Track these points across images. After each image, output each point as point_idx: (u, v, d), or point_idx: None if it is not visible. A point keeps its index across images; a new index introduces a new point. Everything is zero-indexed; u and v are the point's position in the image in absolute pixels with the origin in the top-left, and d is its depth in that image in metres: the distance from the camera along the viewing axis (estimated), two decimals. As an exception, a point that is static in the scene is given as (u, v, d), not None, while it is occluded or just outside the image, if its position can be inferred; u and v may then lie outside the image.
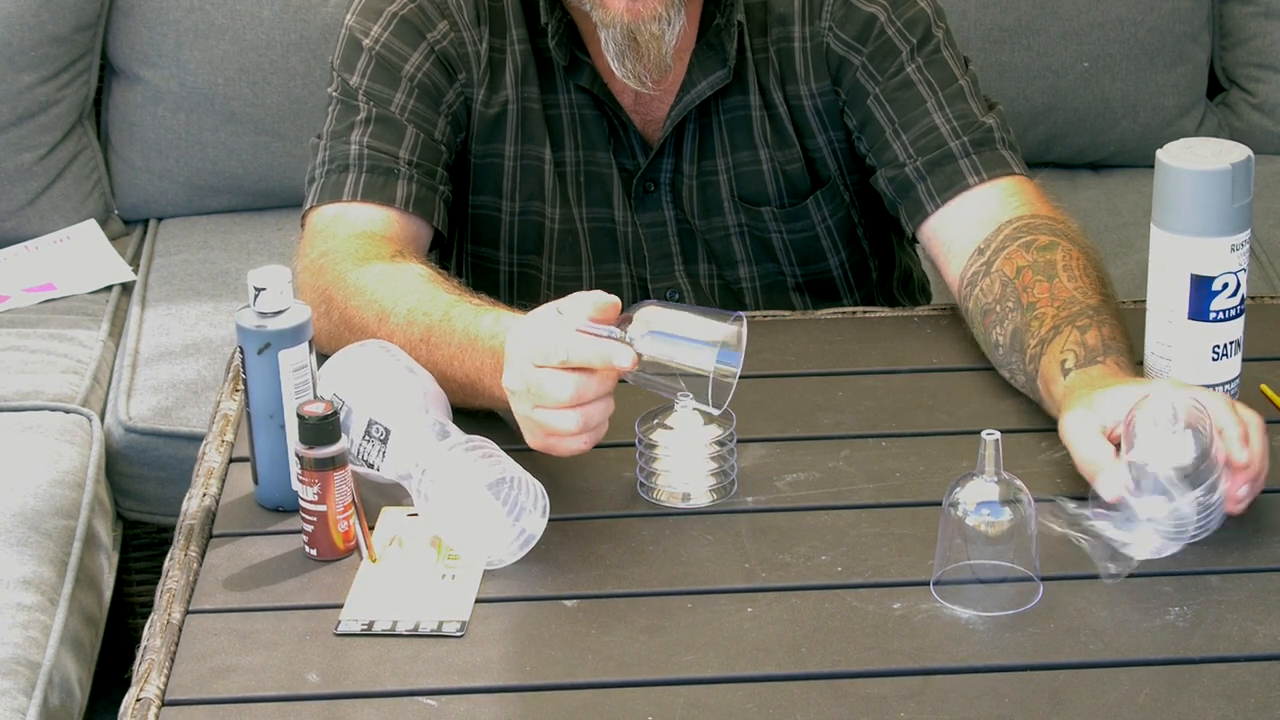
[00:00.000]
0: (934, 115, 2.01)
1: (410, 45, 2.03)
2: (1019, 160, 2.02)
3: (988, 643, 1.53)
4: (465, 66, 2.04)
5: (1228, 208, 1.72)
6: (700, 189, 2.09)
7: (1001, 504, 1.56)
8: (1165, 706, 1.46)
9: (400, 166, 1.99)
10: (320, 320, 1.88)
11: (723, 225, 2.11)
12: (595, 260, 2.12)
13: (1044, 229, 1.91)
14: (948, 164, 2.00)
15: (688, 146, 2.08)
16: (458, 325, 1.77)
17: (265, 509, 1.72)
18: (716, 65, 2.03)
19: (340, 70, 2.05)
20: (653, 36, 1.95)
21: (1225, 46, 3.19)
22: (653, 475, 1.72)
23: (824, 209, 2.11)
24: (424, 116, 2.02)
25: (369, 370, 1.73)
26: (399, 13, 2.04)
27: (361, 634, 1.56)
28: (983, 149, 2.00)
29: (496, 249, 2.13)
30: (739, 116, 2.07)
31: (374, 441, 1.69)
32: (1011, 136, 2.04)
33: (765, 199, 2.10)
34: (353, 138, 2.01)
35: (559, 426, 1.65)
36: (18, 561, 2.25)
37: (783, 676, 1.50)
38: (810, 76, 2.05)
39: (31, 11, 2.94)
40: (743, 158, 2.08)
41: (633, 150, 2.08)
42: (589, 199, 2.10)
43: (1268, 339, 1.93)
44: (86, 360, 2.71)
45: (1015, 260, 1.88)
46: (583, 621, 1.57)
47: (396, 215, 1.98)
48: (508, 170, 2.08)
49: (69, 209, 3.03)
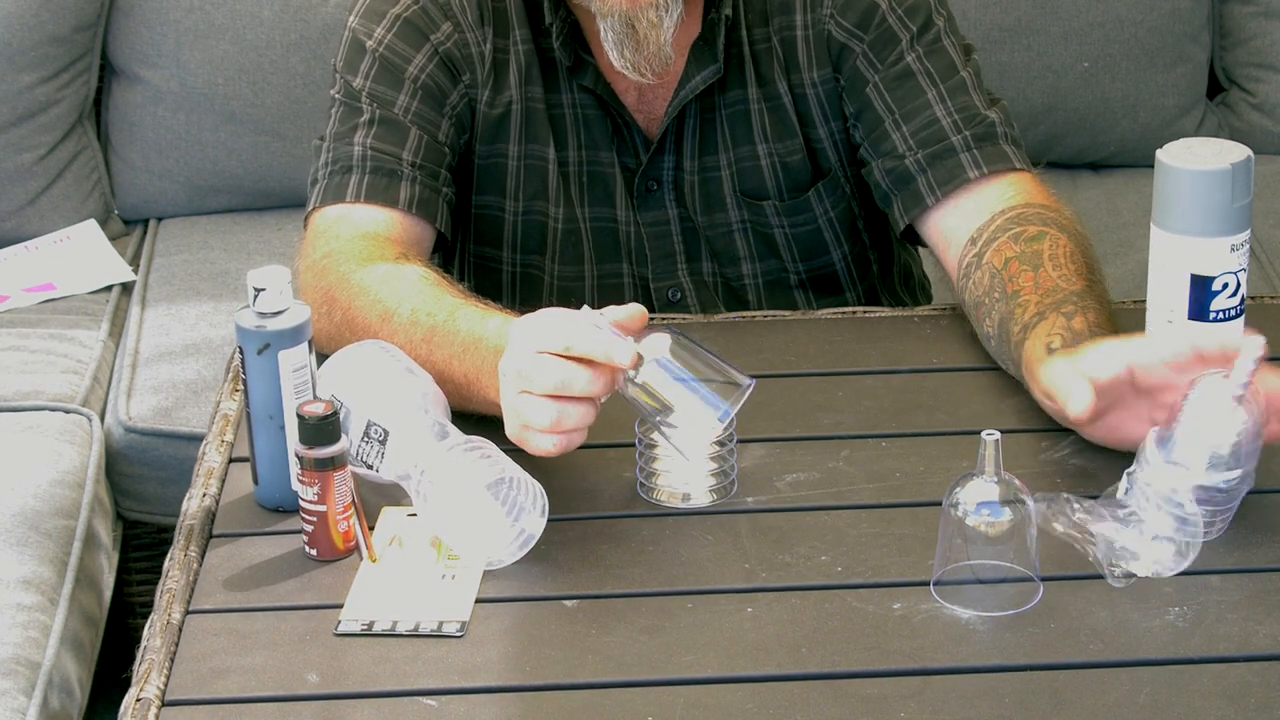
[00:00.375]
0: (935, 108, 2.01)
1: (414, 47, 2.03)
2: (1022, 155, 2.02)
3: (988, 643, 1.53)
4: (469, 67, 2.04)
5: (1228, 208, 1.72)
6: (702, 185, 2.09)
7: (1001, 504, 1.56)
8: (1165, 707, 1.46)
9: (403, 168, 1.99)
10: (322, 320, 1.88)
11: (725, 221, 2.11)
12: (597, 260, 2.12)
13: (1035, 219, 1.92)
14: (949, 157, 2.00)
15: (688, 143, 2.08)
16: (462, 326, 1.77)
17: (265, 509, 1.72)
18: (710, 60, 2.03)
19: (343, 72, 2.05)
20: (651, 24, 1.95)
21: (1225, 46, 3.19)
22: (653, 475, 1.72)
23: (825, 201, 2.11)
24: (427, 118, 2.02)
25: (368, 371, 1.73)
26: (402, 14, 2.03)
27: (361, 634, 1.56)
28: (985, 143, 2.00)
29: (499, 249, 2.13)
30: (739, 111, 2.07)
31: (373, 443, 1.69)
32: (1015, 131, 2.04)
33: (766, 193, 2.10)
34: (356, 139, 2.01)
35: (533, 418, 1.65)
36: (18, 561, 2.25)
37: (783, 677, 1.50)
38: (813, 65, 2.05)
39: (31, 11, 2.94)
40: (744, 153, 2.08)
41: (635, 148, 2.08)
42: (591, 199, 2.10)
43: (1268, 339, 1.92)
44: (86, 360, 2.71)
45: (1004, 252, 1.89)
46: (583, 622, 1.57)
47: (400, 216, 1.99)
48: (511, 170, 2.08)
49: (69, 209, 3.04)
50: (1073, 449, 1.77)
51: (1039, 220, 1.91)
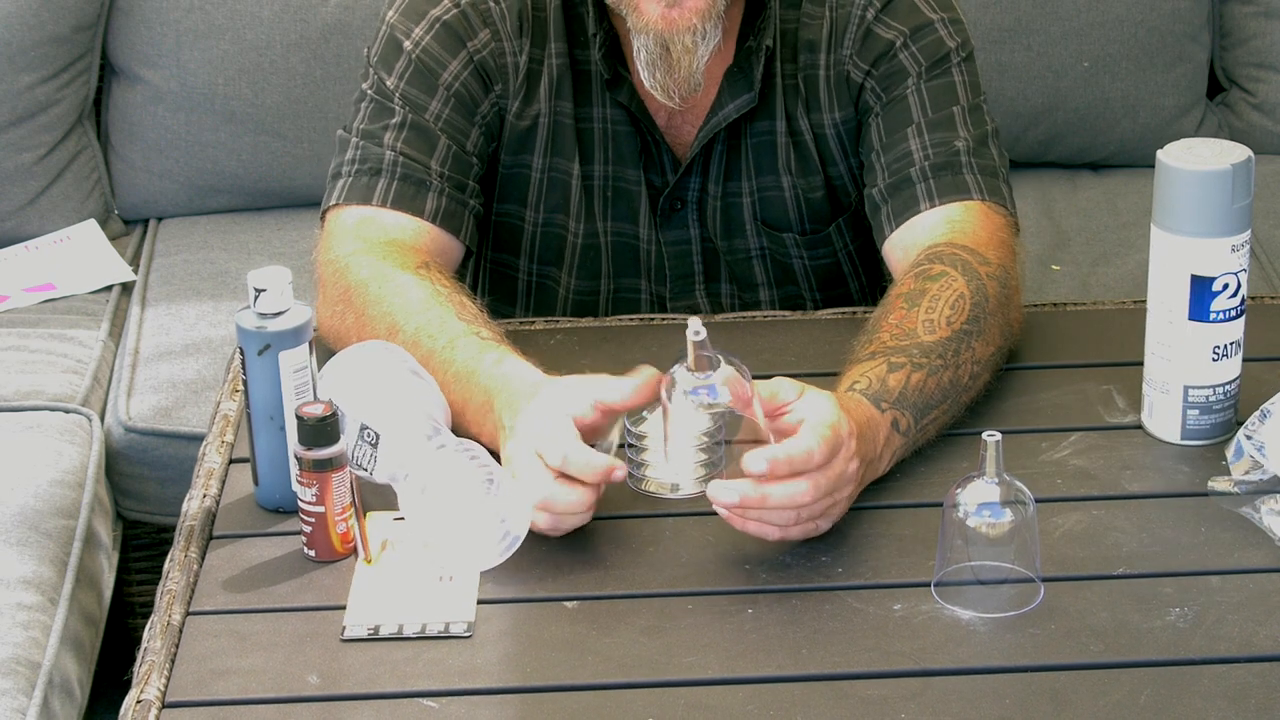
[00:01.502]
0: (911, 140, 1.99)
1: (450, 53, 2.01)
2: (991, 184, 1.97)
3: (988, 644, 1.53)
4: (502, 77, 2.03)
5: (1228, 208, 1.72)
6: (724, 210, 2.09)
7: (1002, 505, 1.56)
8: (1166, 707, 1.46)
9: (431, 179, 1.98)
10: (334, 319, 1.88)
11: (744, 247, 2.11)
12: (615, 274, 2.11)
13: (948, 259, 1.87)
14: (906, 189, 1.98)
15: (714, 167, 2.07)
16: (459, 356, 1.77)
17: (265, 510, 1.72)
18: (744, 89, 2.02)
19: (378, 68, 2.03)
20: (685, 49, 1.94)
21: (1225, 46, 3.19)
22: (641, 466, 1.72)
23: (846, 235, 2.11)
24: (458, 127, 2.01)
25: (366, 373, 1.73)
26: (442, 17, 2.01)
27: (369, 639, 1.55)
28: (942, 173, 1.97)
29: (517, 257, 2.12)
30: (765, 141, 2.06)
31: (365, 445, 1.69)
32: (989, 159, 1.99)
33: (788, 225, 2.09)
34: (386, 140, 1.99)
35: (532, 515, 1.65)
36: (18, 561, 2.25)
37: (783, 678, 1.50)
38: (834, 105, 2.04)
39: (31, 11, 2.94)
40: (766, 182, 2.07)
41: (663, 167, 2.07)
42: (614, 214, 2.09)
43: (1268, 339, 1.93)
44: (86, 360, 2.71)
45: (901, 287, 1.86)
46: (583, 623, 1.57)
47: (426, 226, 1.97)
48: (534, 182, 2.07)
49: (69, 209, 3.03)
50: (1073, 450, 1.77)
51: (952, 261, 1.87)
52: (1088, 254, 2.91)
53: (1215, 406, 1.77)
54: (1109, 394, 1.86)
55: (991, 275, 1.86)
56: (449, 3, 2.01)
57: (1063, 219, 3.00)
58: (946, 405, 1.77)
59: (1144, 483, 1.74)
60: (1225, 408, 1.78)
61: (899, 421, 1.72)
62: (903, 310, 1.82)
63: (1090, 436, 1.80)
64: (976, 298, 1.83)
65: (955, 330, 1.80)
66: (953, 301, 1.82)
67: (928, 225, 1.95)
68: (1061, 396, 1.86)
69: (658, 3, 1.91)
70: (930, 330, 1.79)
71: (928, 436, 1.76)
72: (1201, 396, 1.77)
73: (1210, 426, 1.78)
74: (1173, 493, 1.72)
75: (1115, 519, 1.68)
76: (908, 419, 1.73)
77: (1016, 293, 1.91)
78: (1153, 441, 1.80)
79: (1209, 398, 1.77)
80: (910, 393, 1.73)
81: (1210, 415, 1.77)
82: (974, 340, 1.81)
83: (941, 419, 1.77)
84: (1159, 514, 1.69)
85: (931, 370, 1.76)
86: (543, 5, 2.02)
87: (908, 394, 1.73)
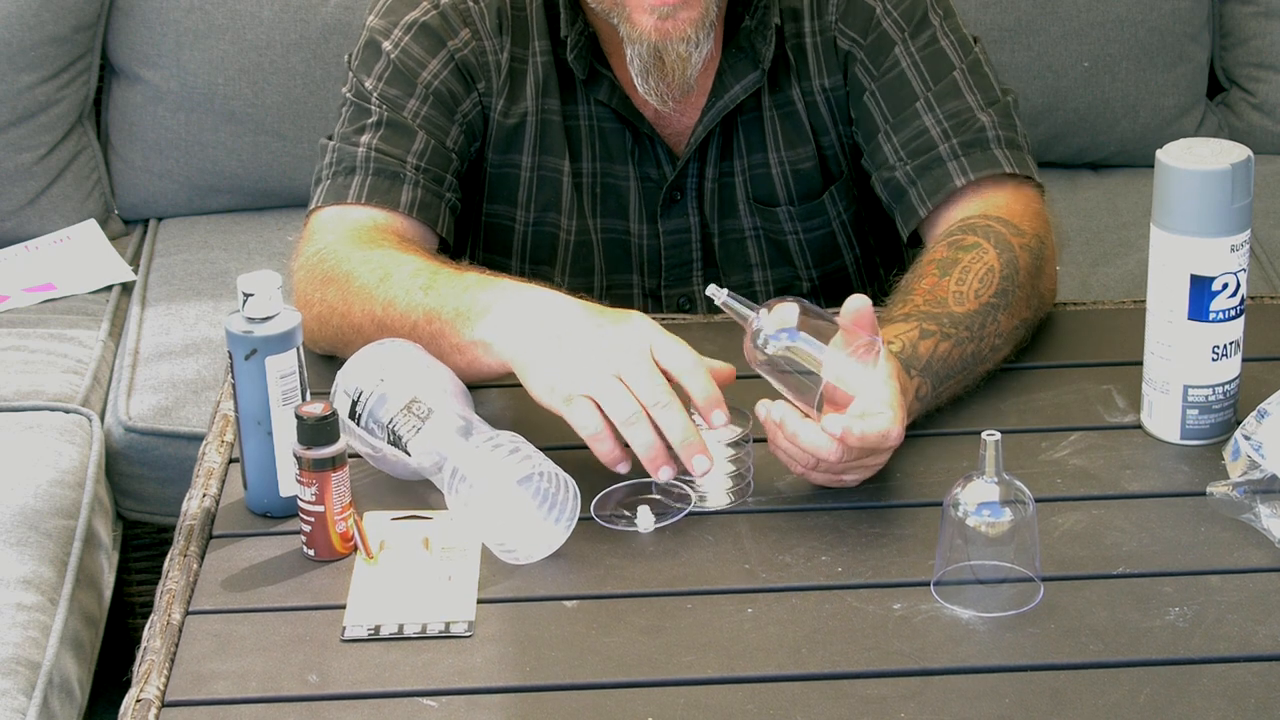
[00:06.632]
0: (924, 116, 2.00)
1: (430, 53, 2.02)
2: (1018, 156, 2.01)
3: (988, 643, 1.53)
4: (485, 76, 2.03)
5: (1227, 208, 1.72)
6: (719, 191, 2.09)
7: (1002, 505, 1.56)
8: (1165, 707, 1.46)
9: (406, 171, 1.99)
10: (316, 305, 1.88)
11: (738, 228, 2.11)
12: (608, 271, 2.11)
13: (981, 230, 1.91)
14: (937, 167, 1.99)
15: (712, 151, 2.07)
16: (468, 276, 1.80)
17: (254, 515, 1.72)
18: (748, 68, 2.02)
19: (357, 72, 2.04)
20: (679, 57, 1.95)
21: (1225, 46, 3.19)
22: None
23: (839, 204, 2.11)
24: (437, 124, 2.01)
25: (406, 358, 1.72)
26: (421, 19, 2.02)
27: (369, 639, 1.55)
28: (973, 150, 1.99)
29: (508, 258, 2.12)
30: (753, 118, 2.06)
31: (413, 417, 1.68)
32: (1012, 130, 2.02)
33: (778, 200, 2.10)
34: (361, 140, 2.00)
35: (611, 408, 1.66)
36: (18, 561, 2.25)
37: (783, 677, 1.50)
38: (823, 72, 2.05)
39: (31, 11, 2.94)
40: (756, 160, 2.08)
41: (658, 160, 2.07)
42: (604, 210, 2.09)
43: (1268, 339, 1.93)
44: (86, 360, 2.71)
45: (934, 254, 1.89)
46: (583, 622, 1.57)
47: (400, 218, 1.98)
48: (524, 181, 2.08)
49: (69, 209, 3.04)
50: (1073, 449, 1.77)
51: (984, 233, 1.90)
52: (1087, 254, 2.91)
53: (1215, 406, 1.77)
54: (1109, 394, 1.86)
55: (1025, 245, 1.90)
56: (428, 4, 2.02)
57: (1063, 219, 3.00)
58: (961, 377, 1.81)
59: (1144, 482, 1.74)
60: (1225, 407, 1.78)
61: (920, 388, 1.76)
62: (935, 277, 1.85)
63: (1090, 436, 1.80)
64: (1006, 270, 1.87)
65: (983, 303, 1.84)
66: (982, 274, 1.86)
67: (963, 201, 1.98)
68: (1061, 396, 1.86)
69: (651, 14, 1.92)
70: (960, 302, 1.83)
71: (938, 404, 1.80)
72: (1201, 396, 1.77)
73: (1210, 426, 1.78)
74: (1172, 492, 1.72)
75: (1115, 518, 1.68)
76: (927, 386, 1.77)
77: (1050, 262, 1.95)
78: (1152, 441, 1.80)
79: (1208, 397, 1.77)
80: (935, 361, 1.78)
81: (1210, 415, 1.77)
82: (999, 313, 1.85)
83: (954, 389, 1.82)
84: (1158, 514, 1.69)
85: (958, 341, 1.80)
86: (523, 4, 2.03)
87: (934, 363, 1.77)
